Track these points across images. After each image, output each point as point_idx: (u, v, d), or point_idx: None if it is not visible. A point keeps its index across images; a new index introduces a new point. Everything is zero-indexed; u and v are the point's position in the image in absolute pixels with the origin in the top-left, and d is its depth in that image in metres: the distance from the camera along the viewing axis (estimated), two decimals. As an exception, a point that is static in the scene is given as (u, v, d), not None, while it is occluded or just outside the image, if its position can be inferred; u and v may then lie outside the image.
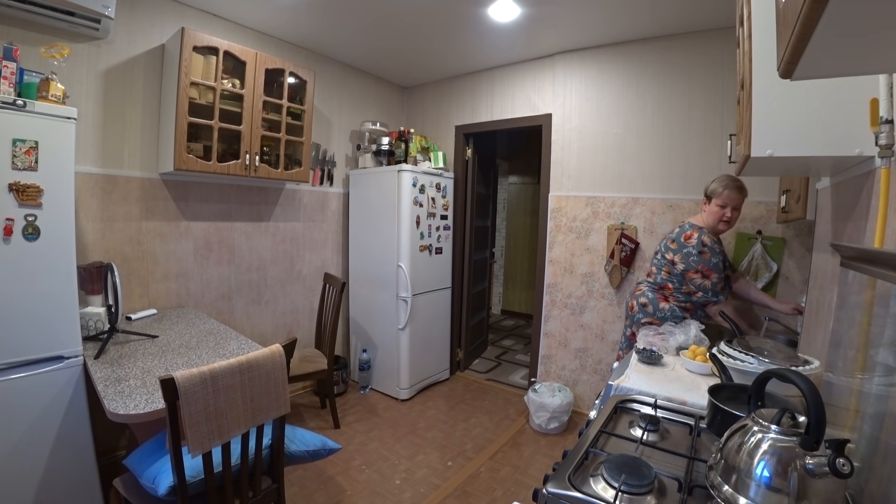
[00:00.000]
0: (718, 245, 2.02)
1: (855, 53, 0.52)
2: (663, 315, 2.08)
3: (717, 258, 1.97)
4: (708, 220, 2.01)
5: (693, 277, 1.99)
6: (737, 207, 1.96)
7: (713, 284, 1.97)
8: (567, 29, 2.72)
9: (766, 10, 0.96)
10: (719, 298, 1.99)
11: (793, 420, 0.77)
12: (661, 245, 2.18)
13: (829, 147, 1.00)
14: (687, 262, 2.00)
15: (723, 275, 1.99)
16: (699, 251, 1.97)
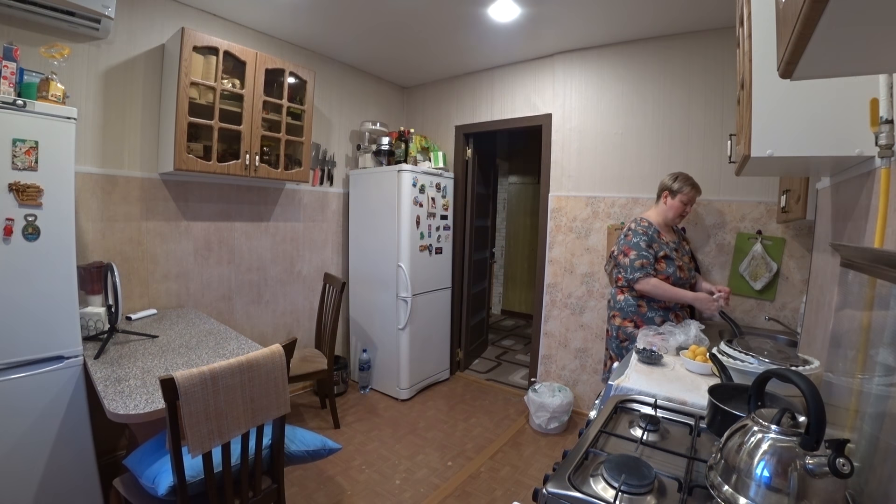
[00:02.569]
0: (656, 233, 2.13)
1: (855, 53, 0.52)
2: (621, 307, 2.18)
3: (639, 239, 2.10)
4: (668, 213, 2.15)
5: (621, 260, 2.15)
6: (692, 203, 2.18)
7: (630, 262, 2.08)
8: (567, 29, 2.72)
9: (766, 10, 0.96)
10: (635, 276, 2.07)
11: (793, 420, 0.77)
12: None
13: (829, 147, 1.00)
14: (618, 247, 2.20)
15: (644, 254, 2.07)
16: (625, 235, 2.17)
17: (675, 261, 2.11)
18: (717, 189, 2.56)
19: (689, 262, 2.19)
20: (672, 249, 2.12)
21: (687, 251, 2.25)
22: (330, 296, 2.87)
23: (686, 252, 2.24)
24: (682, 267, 2.13)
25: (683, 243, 2.26)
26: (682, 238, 2.29)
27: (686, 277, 2.15)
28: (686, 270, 2.15)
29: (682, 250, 2.19)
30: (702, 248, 2.61)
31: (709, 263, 2.59)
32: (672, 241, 2.16)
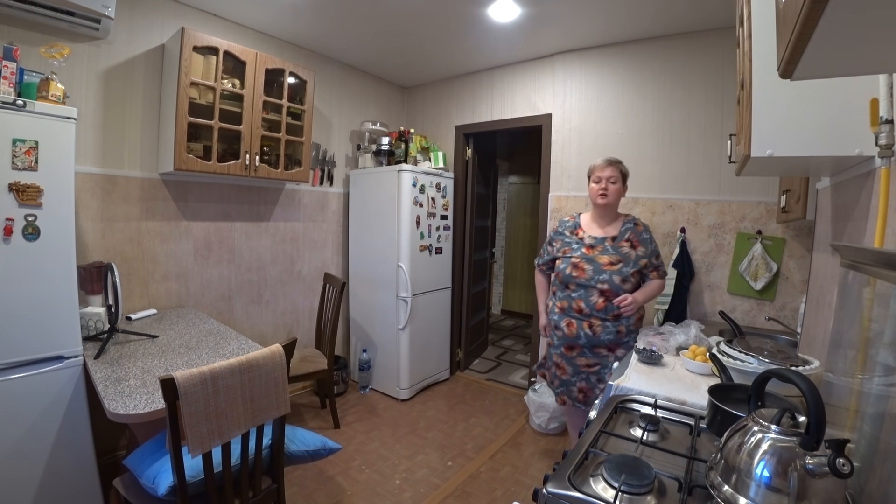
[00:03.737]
0: (573, 228, 2.08)
1: (855, 53, 0.52)
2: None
3: (551, 232, 2.18)
4: (591, 199, 2.05)
5: None
6: (613, 179, 1.96)
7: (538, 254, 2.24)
8: (567, 29, 2.72)
9: (766, 10, 0.96)
10: (537, 262, 2.25)
11: (793, 420, 0.77)
12: None
13: (829, 147, 1.00)
14: None
15: (545, 248, 2.17)
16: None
17: (573, 258, 1.95)
18: (717, 189, 2.56)
19: (611, 262, 1.91)
20: (583, 245, 1.97)
21: (624, 252, 1.94)
22: (330, 296, 2.87)
23: (618, 251, 1.94)
24: (579, 265, 1.93)
25: (625, 243, 1.96)
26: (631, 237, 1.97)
27: (585, 278, 1.92)
28: (587, 271, 1.91)
29: (608, 248, 1.94)
30: (701, 247, 2.61)
31: (709, 263, 2.59)
32: (594, 236, 1.99)
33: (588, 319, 1.94)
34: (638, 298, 1.90)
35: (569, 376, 2.03)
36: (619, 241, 1.96)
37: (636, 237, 1.97)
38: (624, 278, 1.90)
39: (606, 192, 1.95)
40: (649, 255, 1.96)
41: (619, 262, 1.91)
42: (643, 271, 1.96)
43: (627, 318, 1.93)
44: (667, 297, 2.56)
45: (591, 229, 2.03)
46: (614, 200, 1.97)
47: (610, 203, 1.97)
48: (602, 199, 1.96)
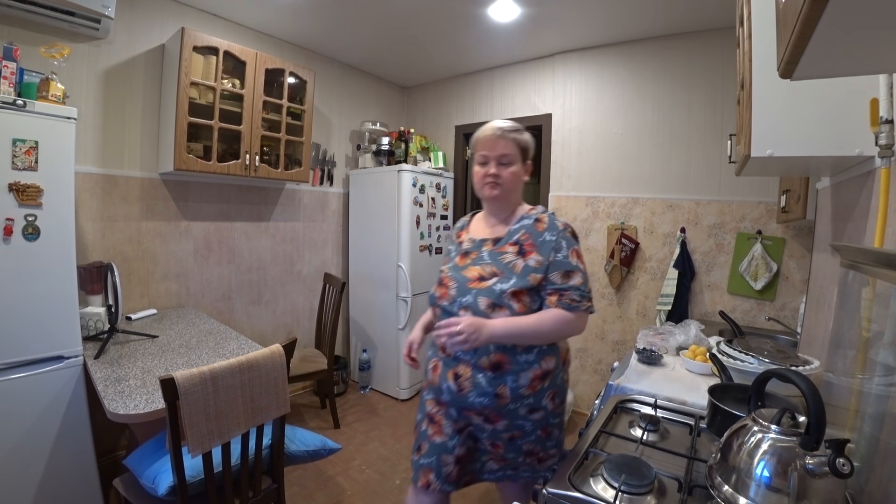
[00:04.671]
0: (458, 231, 1.42)
1: (855, 53, 0.52)
2: None
3: (449, 246, 1.42)
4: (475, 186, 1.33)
5: None
6: (507, 159, 1.25)
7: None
8: (567, 29, 2.72)
9: (766, 10, 0.96)
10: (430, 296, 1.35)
11: (793, 420, 0.77)
12: None
13: (829, 147, 1.00)
14: None
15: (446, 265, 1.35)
16: None
17: (442, 271, 1.33)
18: (717, 189, 2.56)
19: (480, 276, 1.22)
20: (459, 253, 1.32)
21: (505, 262, 1.22)
22: (330, 296, 2.87)
23: (495, 260, 1.23)
24: (444, 282, 1.28)
25: (510, 247, 1.24)
26: (522, 238, 1.24)
27: (447, 300, 1.24)
28: (451, 289, 1.24)
29: (483, 256, 1.26)
30: (701, 247, 2.61)
31: (709, 263, 2.59)
32: (475, 238, 1.32)
33: (453, 366, 1.22)
34: (486, 330, 1.10)
35: (445, 438, 1.27)
36: (503, 245, 1.25)
37: (531, 239, 1.22)
38: (495, 301, 1.16)
39: (498, 181, 1.25)
40: (549, 269, 1.18)
41: (493, 277, 1.20)
42: (540, 293, 1.19)
43: (515, 372, 1.17)
44: (669, 298, 2.56)
45: (477, 229, 1.36)
46: (510, 190, 1.27)
47: (503, 197, 1.27)
48: (491, 190, 1.27)
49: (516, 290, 1.17)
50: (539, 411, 1.23)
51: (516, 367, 1.18)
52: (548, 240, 1.21)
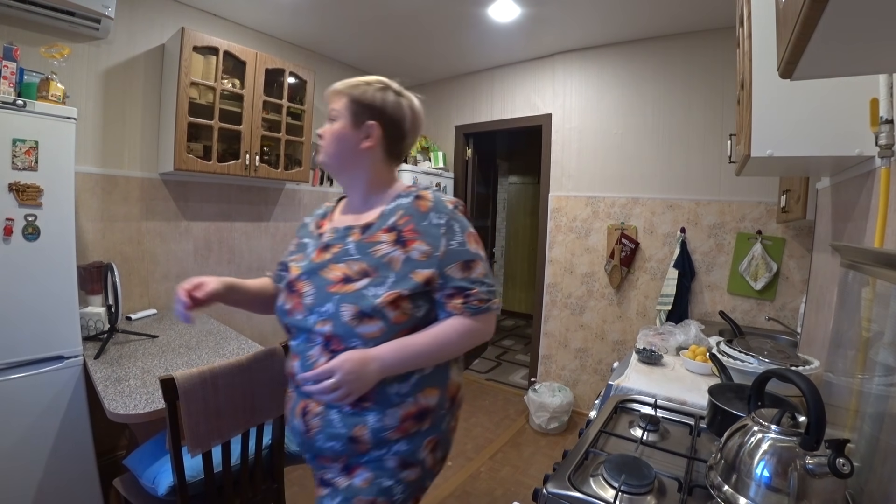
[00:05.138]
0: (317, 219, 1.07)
1: (855, 53, 0.52)
2: None
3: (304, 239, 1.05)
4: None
5: None
6: (334, 114, 0.96)
7: None
8: (567, 29, 2.72)
9: (766, 10, 0.96)
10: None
11: (793, 420, 0.78)
12: None
13: (829, 147, 1.00)
14: None
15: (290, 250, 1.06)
16: None
17: (291, 273, 0.98)
18: (717, 189, 2.56)
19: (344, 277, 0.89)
20: (317, 247, 0.97)
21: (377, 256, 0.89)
22: (330, 296, 2.86)
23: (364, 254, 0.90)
24: (296, 287, 0.94)
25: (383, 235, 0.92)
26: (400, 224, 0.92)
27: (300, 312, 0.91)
28: (306, 297, 0.91)
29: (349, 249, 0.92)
30: (702, 247, 2.61)
31: (709, 263, 2.59)
32: (337, 227, 0.99)
33: (305, 399, 0.92)
34: (372, 368, 0.83)
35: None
36: (374, 233, 0.92)
37: (413, 223, 0.91)
38: (363, 310, 0.85)
39: (320, 142, 0.99)
40: (442, 262, 0.89)
41: (364, 277, 0.88)
42: (431, 295, 0.91)
43: (381, 408, 0.87)
44: (669, 298, 2.56)
45: (341, 216, 1.04)
46: (335, 154, 0.96)
47: (330, 164, 1.00)
48: (316, 156, 1.09)
49: (396, 293, 0.84)
50: (414, 468, 0.89)
51: (383, 400, 0.86)
52: (435, 223, 0.90)
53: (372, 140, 0.95)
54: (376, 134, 0.95)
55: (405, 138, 1.00)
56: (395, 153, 1.00)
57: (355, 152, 0.96)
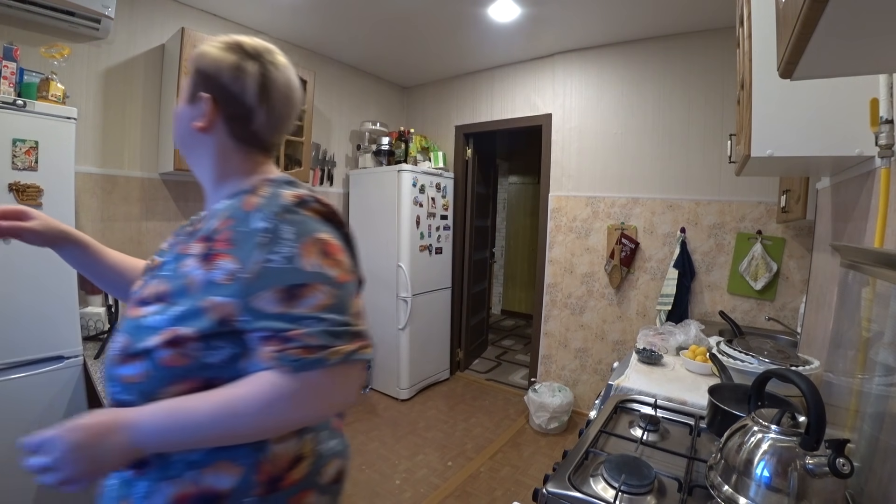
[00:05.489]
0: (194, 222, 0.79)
1: (855, 53, 0.52)
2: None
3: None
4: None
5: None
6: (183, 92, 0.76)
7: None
8: (567, 29, 2.72)
9: (766, 10, 0.96)
10: None
11: (793, 420, 0.78)
12: None
13: (829, 147, 1.00)
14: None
15: None
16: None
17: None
18: (717, 189, 2.56)
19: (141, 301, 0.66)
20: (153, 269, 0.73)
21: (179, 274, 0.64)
22: (330, 296, 2.86)
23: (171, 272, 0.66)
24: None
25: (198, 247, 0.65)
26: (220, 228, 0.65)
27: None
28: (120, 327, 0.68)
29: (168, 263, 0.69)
30: (702, 247, 2.61)
31: (709, 263, 2.59)
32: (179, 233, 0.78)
33: None
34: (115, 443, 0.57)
35: None
36: (190, 242, 0.68)
37: (230, 231, 0.64)
38: (132, 349, 0.62)
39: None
40: (245, 288, 0.59)
41: (155, 302, 0.64)
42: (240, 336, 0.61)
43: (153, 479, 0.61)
44: (669, 298, 2.56)
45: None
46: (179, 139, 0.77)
47: (177, 148, 0.95)
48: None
49: (173, 331, 0.60)
50: None
51: (161, 466, 0.61)
52: (254, 228, 0.61)
53: (204, 119, 0.70)
54: (208, 110, 0.70)
55: (252, 116, 0.71)
56: (246, 137, 0.72)
57: (191, 135, 0.73)
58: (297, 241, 0.61)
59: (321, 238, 0.63)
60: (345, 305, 0.61)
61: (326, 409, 0.63)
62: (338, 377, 0.60)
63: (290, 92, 0.75)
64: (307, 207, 0.65)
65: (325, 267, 0.61)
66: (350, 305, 0.62)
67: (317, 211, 0.66)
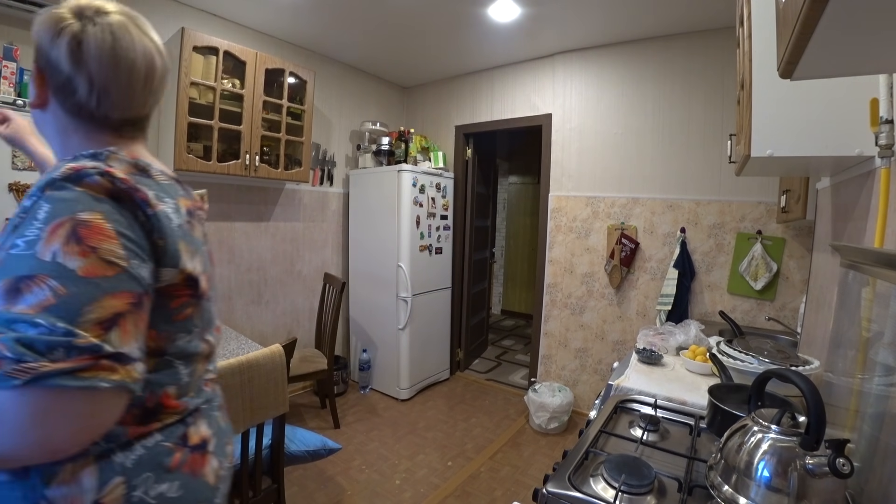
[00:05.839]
0: None
1: (855, 53, 0.52)
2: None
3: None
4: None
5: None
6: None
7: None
8: (567, 29, 2.72)
9: (766, 10, 0.96)
10: None
11: (793, 420, 0.78)
12: None
13: (829, 147, 1.00)
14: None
15: None
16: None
17: None
18: (717, 189, 2.56)
19: None
20: None
21: None
22: (330, 296, 2.87)
23: None
24: None
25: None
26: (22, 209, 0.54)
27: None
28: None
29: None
30: (701, 247, 2.61)
31: (709, 263, 2.59)
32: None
33: None
34: None
35: None
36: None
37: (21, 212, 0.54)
38: None
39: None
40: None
41: None
42: None
43: None
44: (669, 298, 2.56)
45: None
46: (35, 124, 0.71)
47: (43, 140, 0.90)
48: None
49: None
50: None
51: None
52: (20, 207, 0.55)
53: (34, 96, 0.64)
54: (37, 85, 0.63)
55: (73, 86, 0.61)
56: (76, 111, 0.63)
57: (35, 116, 0.67)
58: (48, 221, 0.50)
59: (81, 219, 0.51)
60: (75, 309, 0.48)
61: (23, 445, 0.47)
62: (35, 404, 0.46)
63: (116, 53, 0.63)
64: (83, 182, 0.53)
65: (64, 256, 0.49)
66: (87, 310, 0.48)
67: (97, 187, 0.54)
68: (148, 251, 0.58)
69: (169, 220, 0.62)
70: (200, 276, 0.66)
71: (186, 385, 0.66)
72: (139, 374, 0.53)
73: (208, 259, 0.76)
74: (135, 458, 0.58)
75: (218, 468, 0.71)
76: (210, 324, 0.73)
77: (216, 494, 0.70)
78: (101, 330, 0.49)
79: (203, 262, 0.70)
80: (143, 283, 0.55)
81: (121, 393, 0.51)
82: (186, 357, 0.66)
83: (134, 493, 0.56)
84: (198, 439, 0.68)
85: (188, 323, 0.65)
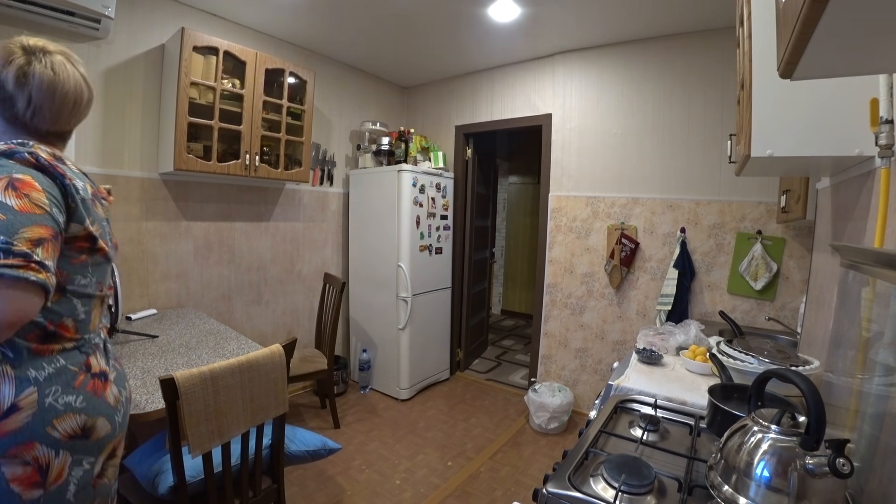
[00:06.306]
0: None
1: (855, 53, 0.52)
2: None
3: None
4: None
5: None
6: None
7: None
8: (567, 29, 2.72)
9: (766, 10, 0.96)
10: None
11: (793, 420, 0.78)
12: None
13: (829, 147, 1.00)
14: None
15: None
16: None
17: None
18: (717, 189, 2.56)
19: None
20: None
21: None
22: (330, 296, 2.87)
23: None
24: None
25: None
26: None
27: None
28: None
29: None
30: (701, 247, 2.61)
31: (709, 263, 2.59)
32: None
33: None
34: None
35: None
36: None
37: None
38: None
39: None
40: None
41: None
42: None
43: None
44: (669, 298, 2.56)
45: None
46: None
47: None
48: None
49: None
50: None
51: None
52: None
53: None
54: None
55: (13, 101, 0.84)
56: (11, 119, 0.86)
57: None
58: None
59: (16, 177, 0.76)
60: (14, 229, 0.71)
61: None
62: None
63: (54, 86, 0.86)
64: (14, 157, 0.78)
65: (6, 197, 0.73)
66: (22, 230, 0.72)
67: (25, 161, 0.79)
68: (63, 208, 0.81)
69: (78, 192, 0.84)
70: (98, 236, 0.89)
71: (83, 322, 0.88)
72: (53, 282, 0.75)
73: (109, 236, 0.98)
74: (45, 375, 0.80)
75: (118, 395, 0.93)
76: (105, 280, 0.96)
77: (116, 413, 0.91)
78: (32, 245, 0.72)
79: (102, 233, 0.92)
80: (60, 225, 0.79)
81: (41, 290, 0.73)
82: (82, 296, 0.88)
83: (45, 399, 0.78)
84: (98, 369, 0.90)
85: (83, 268, 0.87)
